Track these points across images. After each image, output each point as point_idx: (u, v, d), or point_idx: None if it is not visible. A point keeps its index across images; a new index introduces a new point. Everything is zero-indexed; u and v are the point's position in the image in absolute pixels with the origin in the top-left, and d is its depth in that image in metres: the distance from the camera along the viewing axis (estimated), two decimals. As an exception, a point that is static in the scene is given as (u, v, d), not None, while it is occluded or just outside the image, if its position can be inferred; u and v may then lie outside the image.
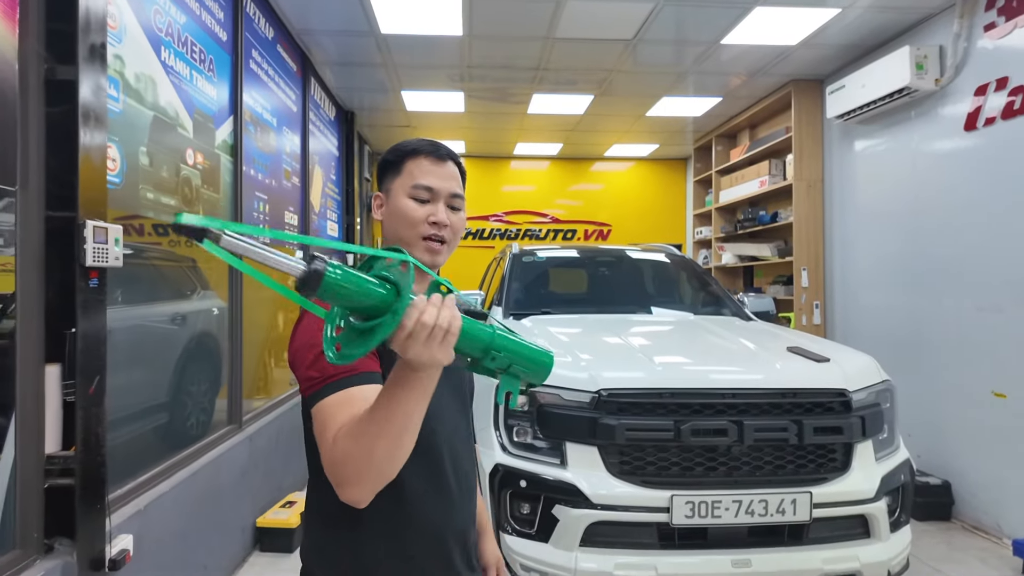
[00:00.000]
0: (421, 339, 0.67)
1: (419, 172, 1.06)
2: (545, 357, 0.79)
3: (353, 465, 0.77)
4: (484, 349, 0.74)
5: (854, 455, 2.24)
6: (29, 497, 1.67)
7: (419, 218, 1.04)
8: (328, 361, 0.68)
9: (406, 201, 1.05)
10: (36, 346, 1.69)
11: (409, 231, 1.04)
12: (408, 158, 1.08)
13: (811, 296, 5.20)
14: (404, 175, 1.07)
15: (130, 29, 2.19)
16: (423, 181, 1.05)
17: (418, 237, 1.04)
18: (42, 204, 1.70)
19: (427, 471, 0.99)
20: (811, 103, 5.24)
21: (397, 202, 1.06)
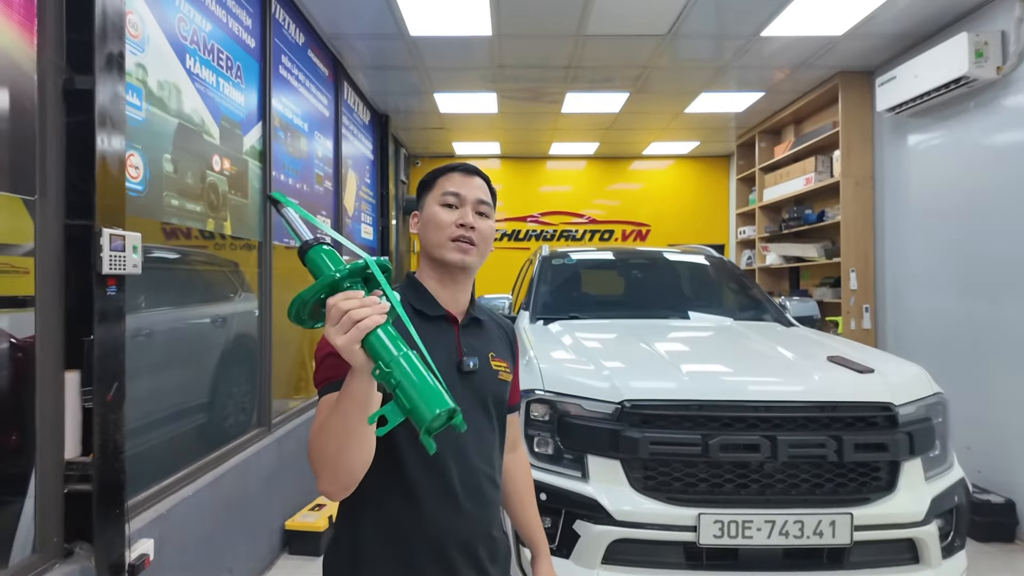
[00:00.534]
0: (333, 320, 0.77)
1: (448, 183, 1.16)
2: (429, 403, 0.74)
3: (314, 461, 0.90)
4: (385, 361, 0.77)
5: (901, 474, 2.08)
6: (49, 502, 1.69)
7: (448, 221, 1.12)
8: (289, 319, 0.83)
9: (437, 208, 1.14)
10: (55, 353, 1.71)
11: (439, 234, 1.12)
12: (440, 176, 1.19)
13: (860, 299, 4.94)
14: (435, 189, 1.17)
15: (153, 38, 2.22)
16: (450, 188, 1.15)
17: (447, 239, 1.12)
18: (61, 212, 1.72)
19: (430, 479, 1.04)
20: (859, 96, 4.98)
21: (429, 211, 1.16)
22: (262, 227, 3.24)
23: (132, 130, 2.05)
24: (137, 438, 2.16)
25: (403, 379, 0.75)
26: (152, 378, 2.34)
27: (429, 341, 1.07)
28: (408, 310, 1.09)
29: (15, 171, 1.59)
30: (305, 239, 0.84)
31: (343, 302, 0.77)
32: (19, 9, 1.59)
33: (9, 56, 1.56)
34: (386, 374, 0.76)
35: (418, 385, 0.75)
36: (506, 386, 1.20)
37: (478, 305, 1.23)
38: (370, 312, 0.77)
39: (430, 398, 0.74)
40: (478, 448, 1.11)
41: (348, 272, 0.80)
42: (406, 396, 0.74)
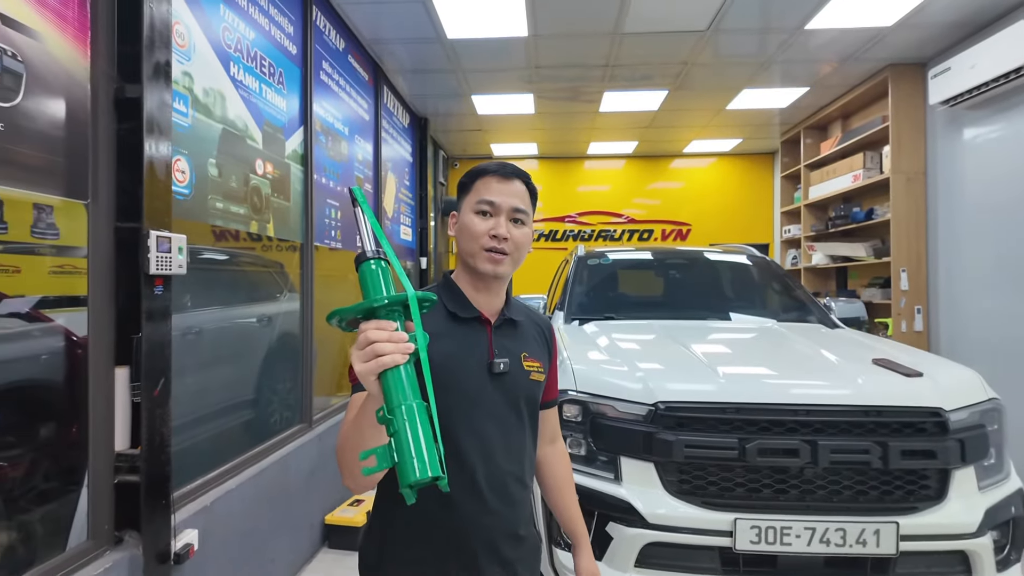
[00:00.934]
0: (359, 345, 0.79)
1: (484, 189, 1.14)
2: (416, 465, 0.73)
3: (338, 458, 0.96)
4: (391, 406, 0.77)
5: (951, 483, 1.98)
6: (100, 492, 1.78)
7: (481, 231, 1.12)
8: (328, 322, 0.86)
9: (471, 216, 1.14)
10: (107, 349, 1.79)
11: (472, 243, 1.13)
12: (478, 178, 1.17)
13: (912, 300, 4.74)
14: (472, 193, 1.16)
15: (199, 47, 2.30)
16: (485, 196, 1.13)
17: (480, 249, 1.12)
18: (111, 216, 1.80)
19: (457, 478, 1.02)
20: (911, 89, 4.78)
21: (464, 218, 1.16)
22: (304, 229, 3.33)
23: (179, 136, 2.14)
24: (186, 433, 2.24)
25: (400, 431, 0.75)
26: (202, 375, 2.42)
27: (462, 342, 1.09)
28: (442, 311, 1.12)
29: (71, 176, 1.67)
30: (365, 249, 0.85)
31: (373, 331, 0.78)
32: (74, 23, 1.68)
33: (65, 68, 1.65)
34: (387, 420, 0.77)
35: (412, 444, 0.74)
36: (538, 386, 1.21)
37: (514, 305, 1.24)
38: (393, 350, 0.77)
39: (419, 460, 0.74)
40: (506, 448, 1.13)
41: (387, 302, 0.81)
42: (397, 449, 0.75)
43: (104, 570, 1.70)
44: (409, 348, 0.78)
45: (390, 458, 0.75)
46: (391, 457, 0.75)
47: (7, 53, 1.47)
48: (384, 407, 0.78)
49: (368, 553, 1.13)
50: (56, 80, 1.62)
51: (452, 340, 1.10)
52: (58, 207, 1.65)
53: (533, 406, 1.20)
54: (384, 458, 0.75)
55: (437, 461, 0.75)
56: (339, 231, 3.87)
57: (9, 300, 1.54)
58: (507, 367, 1.13)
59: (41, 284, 1.66)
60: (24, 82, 1.52)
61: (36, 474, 1.61)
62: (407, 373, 0.79)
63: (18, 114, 1.50)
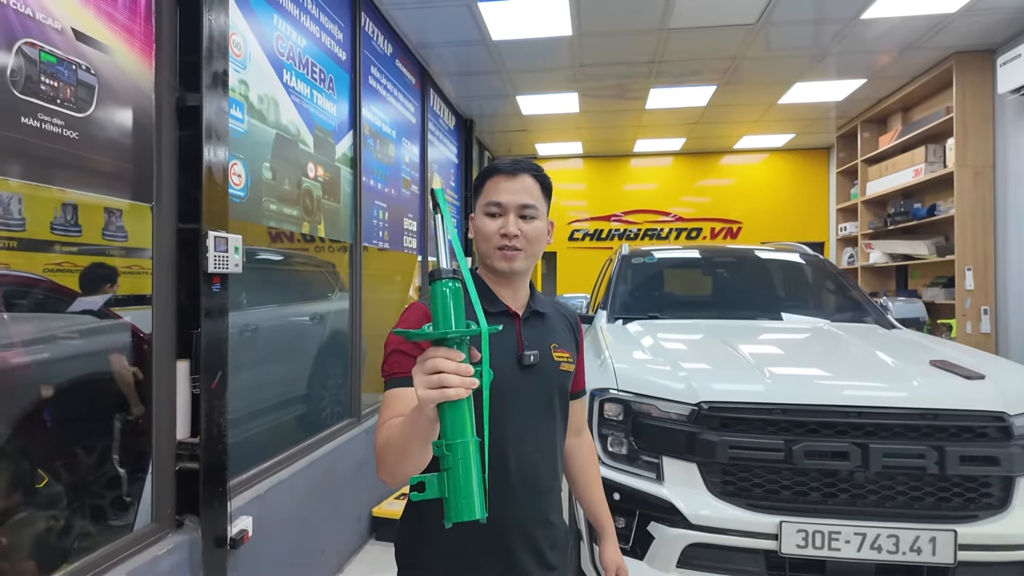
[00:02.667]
0: (426, 371, 0.79)
1: (492, 190, 1.17)
2: (465, 505, 0.77)
3: (377, 456, 0.99)
4: (448, 441, 0.79)
5: (1016, 491, 1.89)
6: (163, 478, 1.88)
7: (492, 232, 1.16)
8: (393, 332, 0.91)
9: (482, 219, 1.18)
10: (169, 344, 1.90)
11: (485, 245, 1.17)
12: (487, 179, 1.20)
13: (978, 300, 4.50)
14: (482, 194, 1.19)
15: (254, 56, 2.41)
16: (493, 198, 1.16)
17: (494, 249, 1.16)
18: (174, 217, 1.91)
19: (490, 468, 1.05)
20: (978, 78, 4.54)
21: (477, 221, 1.20)
22: (353, 230, 3.43)
23: (235, 141, 2.25)
24: (243, 425, 2.35)
25: (454, 468, 0.77)
26: (258, 370, 2.53)
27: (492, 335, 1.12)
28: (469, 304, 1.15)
29: (137, 181, 1.78)
30: (442, 267, 0.83)
31: (442, 361, 0.78)
32: (140, 36, 1.79)
33: (132, 79, 1.76)
34: (443, 455, 0.78)
35: (463, 484, 0.77)
36: (568, 376, 1.24)
37: (539, 298, 1.26)
38: (459, 383, 0.77)
39: (467, 501, 0.77)
40: (537, 438, 1.16)
41: (459, 336, 0.80)
42: (449, 485, 0.77)
43: (167, 551, 1.80)
44: (474, 384, 0.79)
45: (441, 491, 0.78)
46: (442, 490, 0.78)
47: (81, 67, 1.58)
48: (442, 441, 0.79)
49: (405, 544, 1.18)
50: (124, 91, 1.73)
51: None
52: (126, 210, 1.76)
53: (564, 396, 1.23)
54: (434, 490, 0.78)
55: (484, 503, 0.77)
56: (386, 232, 3.97)
57: (83, 299, 1.66)
58: (536, 359, 1.16)
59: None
60: (96, 94, 1.63)
61: (109, 460, 1.73)
62: (468, 407, 0.80)
63: (91, 123, 1.61)
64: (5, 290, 1.42)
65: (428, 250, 4.95)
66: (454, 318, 0.80)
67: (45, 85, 1.47)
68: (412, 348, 1.06)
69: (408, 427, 0.88)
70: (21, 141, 1.42)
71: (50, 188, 1.51)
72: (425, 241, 4.86)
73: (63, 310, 1.61)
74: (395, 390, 1.06)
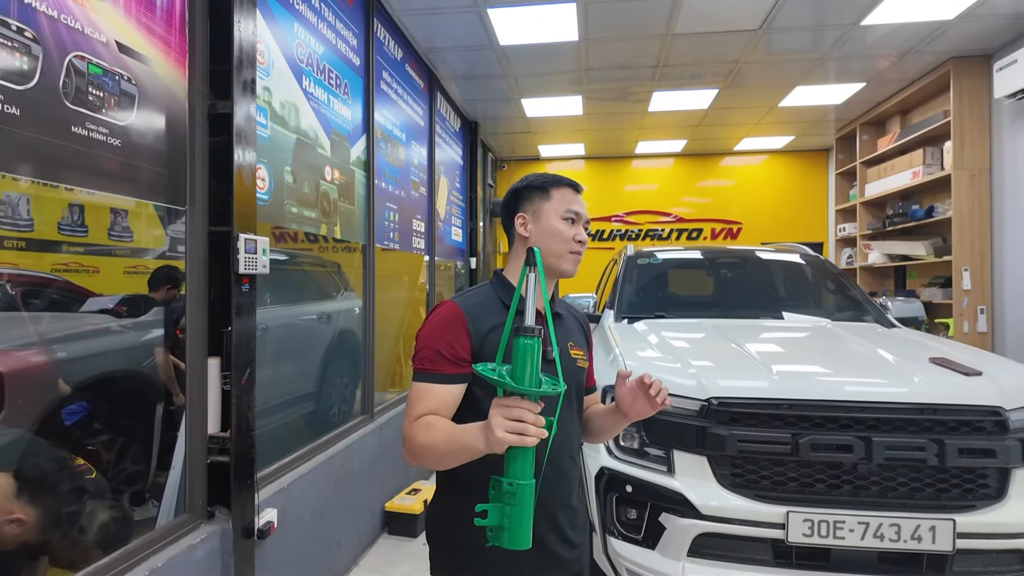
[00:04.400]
0: (511, 416, 0.93)
1: (568, 199, 1.30)
2: (519, 538, 0.92)
3: (411, 452, 1.12)
4: (514, 481, 0.92)
5: (1012, 482, 1.97)
6: (196, 470, 1.96)
7: (569, 236, 1.28)
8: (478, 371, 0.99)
9: (559, 222, 1.28)
10: (201, 342, 1.98)
11: (561, 246, 1.27)
12: (554, 187, 1.30)
13: (975, 300, 4.60)
14: (555, 200, 1.29)
15: (276, 63, 2.49)
16: (573, 207, 1.29)
17: (567, 251, 1.28)
18: (206, 220, 1.99)
19: None
20: (975, 82, 4.64)
21: (550, 222, 1.28)
22: (366, 231, 3.50)
23: (259, 146, 2.32)
24: (267, 419, 2.43)
25: (516, 506, 0.91)
26: (282, 367, 2.61)
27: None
28: (498, 304, 1.26)
29: (173, 185, 1.86)
30: (528, 322, 0.95)
31: (526, 413, 0.93)
32: (176, 47, 1.87)
33: (168, 88, 1.84)
34: (508, 493, 0.91)
35: (523, 519, 0.91)
36: (583, 372, 1.35)
37: (557, 300, 1.37)
38: (535, 433, 0.92)
39: (524, 534, 0.92)
40: (561, 430, 1.25)
41: (539, 394, 0.94)
42: (510, 518, 0.91)
43: (200, 540, 1.88)
44: (544, 435, 0.93)
45: (501, 521, 0.92)
46: (502, 520, 0.92)
47: (124, 78, 1.66)
48: (510, 480, 0.92)
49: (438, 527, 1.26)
50: (161, 99, 1.81)
51: None
52: (163, 215, 1.84)
53: (580, 391, 1.33)
54: (496, 519, 0.93)
55: (531, 536, 0.93)
56: (396, 233, 4.05)
57: (130, 297, 1.73)
58: (560, 357, 1.25)
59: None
60: (136, 102, 1.71)
61: (150, 452, 1.81)
62: (533, 452, 0.94)
63: (131, 131, 1.69)
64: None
65: (435, 251, 5.03)
66: (533, 373, 0.94)
67: (92, 96, 1.55)
68: (451, 350, 1.16)
69: (460, 447, 1.02)
70: (73, 150, 1.50)
71: (110, 196, 1.59)
72: (433, 242, 4.94)
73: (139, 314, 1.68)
74: (429, 385, 1.16)
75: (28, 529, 1.37)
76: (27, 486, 1.37)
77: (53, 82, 1.44)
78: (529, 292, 0.99)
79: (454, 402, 1.17)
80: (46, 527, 1.42)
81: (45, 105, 1.41)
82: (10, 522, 1.32)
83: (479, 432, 1.00)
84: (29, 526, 1.37)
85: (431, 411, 1.15)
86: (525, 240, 1.30)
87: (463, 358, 1.17)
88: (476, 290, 1.30)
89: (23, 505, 1.35)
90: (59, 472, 1.46)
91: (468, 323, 1.19)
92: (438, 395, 1.16)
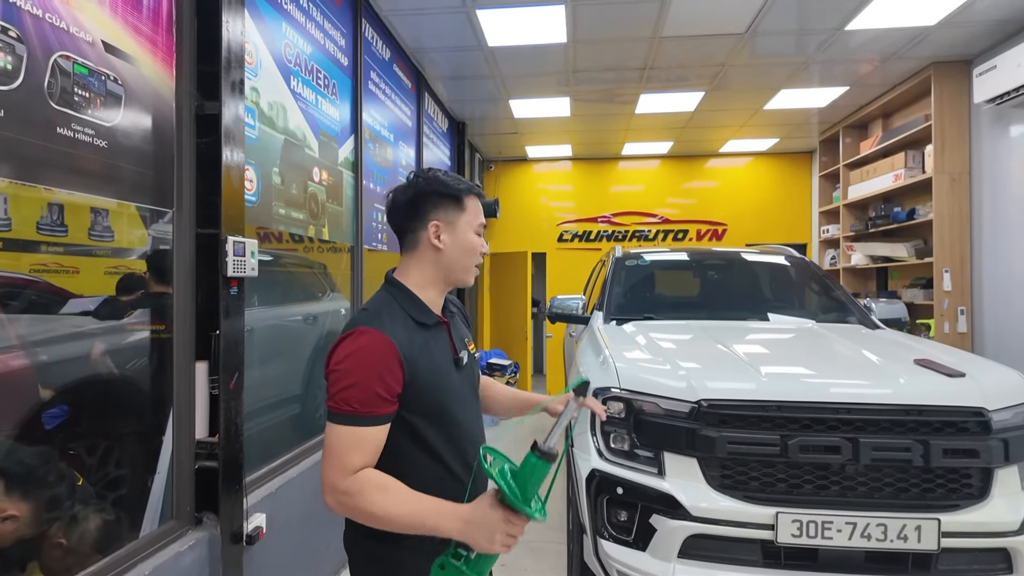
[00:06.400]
0: (509, 532, 1.02)
1: (478, 211, 1.28)
2: None
3: (348, 509, 1.07)
4: (479, 567, 1.06)
5: (994, 482, 2.01)
6: (183, 476, 1.94)
7: (478, 249, 1.28)
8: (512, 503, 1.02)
9: (473, 236, 1.26)
10: (188, 346, 1.95)
11: (472, 259, 1.27)
12: (467, 196, 1.26)
13: (955, 301, 4.68)
14: (469, 212, 1.26)
15: (264, 63, 2.46)
16: (482, 219, 1.29)
17: (474, 264, 1.28)
18: (193, 222, 1.96)
19: (458, 461, 1.22)
20: (955, 87, 4.72)
21: (467, 236, 1.25)
22: (354, 232, 3.48)
23: (247, 147, 2.29)
24: (257, 422, 2.40)
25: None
26: (269, 370, 2.58)
27: (437, 348, 1.23)
28: (407, 321, 1.19)
29: (159, 187, 1.83)
30: (549, 444, 1.04)
31: (519, 534, 1.03)
32: (162, 47, 1.84)
33: (155, 89, 1.81)
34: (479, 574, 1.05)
35: None
36: (477, 362, 1.40)
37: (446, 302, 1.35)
38: (514, 544, 1.04)
39: None
40: (478, 426, 1.32)
41: (533, 516, 1.03)
42: None
43: (188, 547, 1.85)
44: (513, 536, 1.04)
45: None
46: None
47: (110, 78, 1.63)
48: (474, 571, 1.05)
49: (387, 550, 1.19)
50: (148, 100, 1.78)
51: (432, 349, 1.20)
52: (147, 216, 1.81)
53: (478, 381, 1.40)
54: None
55: None
56: (385, 234, 4.02)
57: (113, 300, 1.70)
58: (466, 358, 1.30)
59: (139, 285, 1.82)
60: (122, 103, 1.68)
61: (137, 459, 1.78)
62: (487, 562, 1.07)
63: (117, 132, 1.66)
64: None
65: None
66: (536, 495, 1.05)
67: (78, 96, 1.52)
68: (388, 389, 1.09)
69: (427, 528, 1.04)
70: (59, 152, 1.47)
71: (91, 196, 1.56)
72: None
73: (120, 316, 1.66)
74: (365, 430, 1.08)
75: (23, 525, 1.37)
76: (15, 483, 1.36)
77: (38, 82, 1.41)
78: (562, 422, 1.10)
79: (384, 442, 1.12)
80: (40, 521, 1.42)
81: (30, 106, 1.39)
82: (3, 519, 1.32)
83: (458, 523, 1.02)
84: (23, 521, 1.37)
85: (368, 462, 1.08)
86: (437, 252, 1.23)
87: (397, 393, 1.11)
88: (383, 307, 1.19)
89: (15, 502, 1.34)
90: (45, 467, 1.45)
91: (401, 356, 1.11)
92: (375, 441, 1.09)
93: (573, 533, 2.66)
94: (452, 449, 1.21)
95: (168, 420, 1.89)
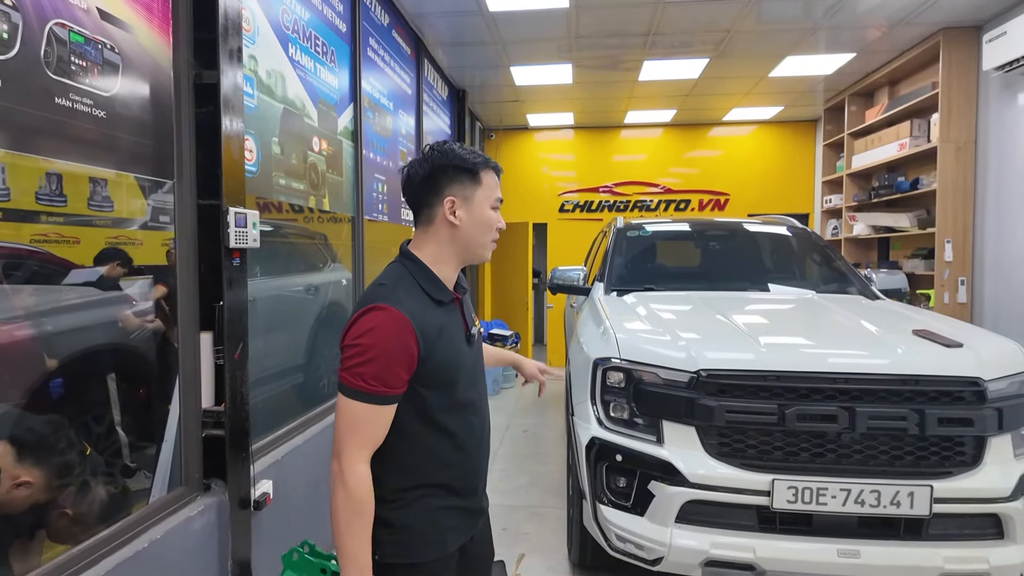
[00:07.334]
0: None
1: (495, 185, 1.26)
2: None
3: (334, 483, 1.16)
4: None
5: (987, 449, 2.05)
6: (191, 444, 1.97)
7: (495, 224, 1.27)
8: None
9: (489, 211, 1.25)
10: (193, 316, 1.97)
11: (488, 235, 1.26)
12: (483, 170, 1.24)
13: (956, 272, 4.68)
14: (485, 187, 1.24)
15: (262, 30, 2.42)
16: (499, 195, 1.27)
17: (491, 240, 1.27)
18: (194, 193, 1.96)
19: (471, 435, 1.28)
20: (964, 54, 4.64)
21: (483, 211, 1.24)
22: (355, 203, 3.47)
23: (246, 116, 2.27)
24: (263, 391, 2.43)
25: None
26: (272, 340, 2.61)
27: (452, 324, 1.25)
28: (424, 298, 1.20)
29: (159, 158, 1.83)
30: None
31: None
32: (159, 14, 1.81)
33: (152, 58, 1.79)
34: None
35: None
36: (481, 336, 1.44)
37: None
38: None
39: None
40: (485, 400, 1.36)
41: None
42: None
43: (197, 512, 1.90)
44: None
45: None
46: None
47: (107, 46, 1.61)
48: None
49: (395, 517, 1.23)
50: (145, 69, 1.76)
51: (447, 326, 1.22)
52: (148, 187, 1.80)
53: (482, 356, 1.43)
54: None
55: None
56: (385, 204, 4.01)
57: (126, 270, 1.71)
58: (476, 333, 1.33)
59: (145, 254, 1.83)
60: (120, 72, 1.66)
61: (145, 428, 1.81)
62: None
63: (115, 102, 1.65)
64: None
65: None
66: None
67: (75, 65, 1.51)
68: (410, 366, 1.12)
69: (343, 545, 1.13)
70: (57, 122, 1.46)
71: (90, 167, 1.55)
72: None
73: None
74: (383, 408, 1.11)
75: (37, 490, 1.41)
76: (27, 451, 1.40)
77: (34, 51, 1.39)
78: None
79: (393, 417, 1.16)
80: (52, 486, 1.46)
81: (27, 75, 1.37)
82: (18, 486, 1.35)
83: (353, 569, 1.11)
84: (37, 487, 1.41)
85: (381, 436, 1.13)
86: (453, 228, 1.22)
87: (413, 370, 1.14)
88: (398, 282, 1.19)
89: (28, 468, 1.38)
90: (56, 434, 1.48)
91: (418, 334, 1.12)
92: (387, 417, 1.13)
93: (573, 499, 2.72)
94: (459, 422, 1.24)
95: (174, 390, 1.92)
